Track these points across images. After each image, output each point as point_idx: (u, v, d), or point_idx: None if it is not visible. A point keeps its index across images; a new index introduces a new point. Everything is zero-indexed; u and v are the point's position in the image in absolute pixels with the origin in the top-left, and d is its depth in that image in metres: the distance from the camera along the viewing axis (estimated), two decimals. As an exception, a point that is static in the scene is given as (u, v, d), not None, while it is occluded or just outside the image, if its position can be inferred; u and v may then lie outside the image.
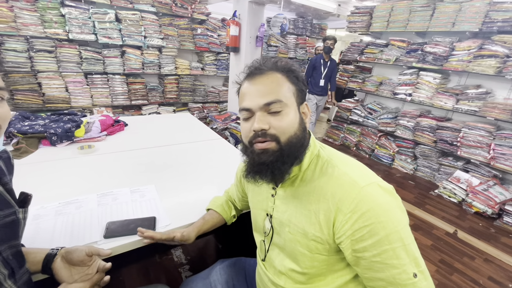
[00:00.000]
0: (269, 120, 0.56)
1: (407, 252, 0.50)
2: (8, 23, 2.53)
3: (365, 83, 3.73)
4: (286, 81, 0.58)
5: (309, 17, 4.77)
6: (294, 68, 0.61)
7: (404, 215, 0.54)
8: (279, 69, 0.59)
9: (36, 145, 1.28)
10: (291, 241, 0.61)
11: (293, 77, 0.60)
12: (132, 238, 0.76)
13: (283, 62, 0.61)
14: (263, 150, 0.56)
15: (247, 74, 0.61)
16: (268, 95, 0.56)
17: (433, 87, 2.98)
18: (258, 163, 0.57)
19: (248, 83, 0.59)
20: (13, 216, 0.54)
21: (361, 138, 3.85)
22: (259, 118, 0.56)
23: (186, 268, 1.51)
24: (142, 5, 3.17)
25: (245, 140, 0.60)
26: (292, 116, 0.57)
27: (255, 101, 0.56)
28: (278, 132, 0.55)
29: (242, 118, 0.60)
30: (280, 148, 0.56)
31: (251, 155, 0.59)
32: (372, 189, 0.52)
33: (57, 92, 2.94)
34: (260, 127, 0.55)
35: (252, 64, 0.61)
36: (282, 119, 0.56)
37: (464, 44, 2.70)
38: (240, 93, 0.61)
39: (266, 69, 0.58)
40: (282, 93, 0.56)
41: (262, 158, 0.56)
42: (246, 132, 0.59)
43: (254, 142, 0.57)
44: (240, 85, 0.63)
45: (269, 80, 0.57)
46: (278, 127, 0.55)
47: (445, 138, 2.90)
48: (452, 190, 2.69)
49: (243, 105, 0.59)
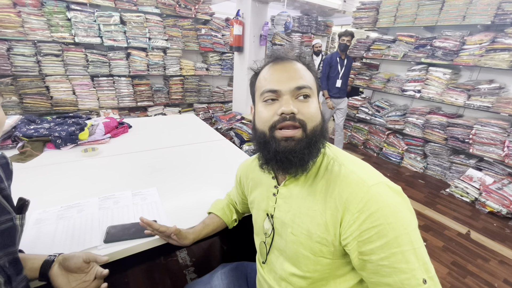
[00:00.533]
0: (297, 105, 0.54)
1: (416, 256, 0.47)
2: (16, 28, 2.58)
3: (372, 80, 3.66)
4: (307, 70, 0.59)
5: (314, 14, 4.71)
6: (312, 62, 0.62)
7: (413, 217, 0.51)
8: (301, 59, 0.60)
9: (41, 149, 1.29)
10: (293, 242, 0.59)
11: (312, 70, 0.61)
12: (132, 243, 0.75)
13: (302, 53, 0.62)
14: (288, 138, 0.53)
15: (273, 59, 0.60)
16: (299, 79, 0.55)
17: (443, 83, 2.89)
18: (284, 150, 0.53)
19: (274, 67, 0.58)
20: (9, 222, 0.53)
21: (368, 136, 3.78)
22: (288, 101, 0.53)
23: (190, 270, 1.50)
24: (146, 7, 3.18)
25: (265, 126, 0.56)
26: (316, 104, 0.57)
27: (286, 83, 0.54)
28: (306, 119, 0.54)
29: (264, 101, 0.56)
30: (306, 136, 0.54)
31: (272, 143, 0.55)
32: (380, 188, 0.50)
33: (65, 95, 2.98)
34: (291, 110, 0.52)
35: (273, 53, 0.61)
36: (310, 106, 0.55)
37: (476, 38, 2.61)
38: (263, 77, 0.59)
39: (291, 58, 0.59)
40: (310, 80, 0.57)
41: (288, 145, 0.53)
42: (268, 117, 0.55)
43: (278, 127, 0.54)
44: (257, 72, 0.62)
45: (296, 66, 0.57)
46: (307, 113, 0.54)
47: (457, 136, 2.81)
48: (464, 189, 2.60)
49: (269, 86, 0.56)
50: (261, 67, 0.62)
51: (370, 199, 0.48)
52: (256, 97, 0.61)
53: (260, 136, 0.58)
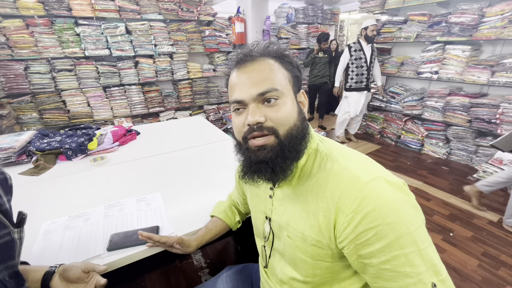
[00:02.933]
0: (264, 111, 0.50)
1: (422, 258, 0.42)
2: (31, 48, 2.71)
3: (385, 66, 3.48)
4: (280, 67, 0.52)
5: (319, 4, 4.57)
6: (287, 52, 0.55)
7: (418, 213, 0.45)
8: (271, 54, 0.53)
9: (54, 161, 1.34)
10: (290, 246, 0.55)
11: (287, 63, 0.54)
12: (135, 250, 0.75)
13: (275, 47, 0.54)
14: (261, 147, 0.50)
15: (236, 62, 0.54)
16: (261, 83, 0.50)
17: (463, 61, 2.69)
18: (256, 161, 0.51)
19: (237, 72, 0.52)
20: (7, 236, 0.54)
21: (384, 124, 3.61)
22: (253, 110, 0.49)
23: (206, 271, 1.50)
24: (150, 14, 3.23)
25: (238, 137, 0.54)
26: (289, 105, 0.51)
27: (248, 91, 0.50)
28: (276, 124, 0.50)
29: (233, 111, 0.54)
30: (280, 142, 0.50)
31: (247, 153, 0.52)
32: (377, 184, 0.45)
33: (80, 107, 3.11)
34: (255, 120, 0.49)
35: (241, 51, 0.55)
36: (280, 110, 0.50)
37: (496, 8, 2.39)
38: (230, 84, 0.55)
39: (257, 55, 0.52)
40: (277, 81, 0.50)
41: (260, 155, 0.50)
42: (239, 127, 0.53)
43: (249, 137, 0.51)
44: (229, 76, 0.56)
45: (261, 67, 0.51)
46: (276, 118, 0.49)
47: (482, 116, 2.60)
48: (493, 174, 2.41)
49: (234, 97, 0.52)
50: (230, 69, 0.56)
51: (365, 198, 0.44)
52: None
53: (237, 146, 0.56)
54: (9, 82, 2.69)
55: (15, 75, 2.71)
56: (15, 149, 1.31)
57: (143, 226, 0.84)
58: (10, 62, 2.66)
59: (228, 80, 0.56)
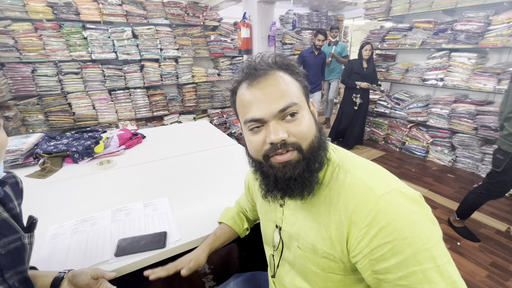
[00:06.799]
0: (286, 127, 0.47)
1: (441, 274, 0.40)
2: (39, 51, 2.74)
3: (389, 72, 3.49)
4: (291, 79, 0.50)
5: (324, 10, 4.60)
6: (293, 62, 0.53)
7: (435, 228, 0.44)
8: (280, 66, 0.51)
9: (60, 164, 1.34)
10: (301, 257, 0.54)
11: (296, 73, 0.52)
12: (143, 256, 0.74)
13: (281, 58, 0.53)
14: (286, 162, 0.48)
15: (245, 78, 0.51)
16: (280, 98, 0.47)
17: (469, 69, 2.69)
18: (283, 178, 0.49)
19: (250, 89, 0.49)
20: (18, 242, 0.54)
21: (389, 131, 3.60)
22: (275, 128, 0.47)
23: (209, 278, 1.48)
24: (156, 19, 3.26)
25: (258, 155, 0.51)
26: (307, 118, 0.50)
27: (267, 108, 0.47)
28: (299, 139, 0.48)
29: (249, 130, 0.50)
30: (304, 156, 0.48)
31: (271, 171, 0.50)
32: (392, 198, 0.43)
33: (86, 110, 3.13)
34: (280, 138, 0.46)
35: (247, 65, 0.52)
36: (300, 124, 0.48)
37: (503, 17, 2.39)
38: (241, 102, 0.51)
39: (268, 69, 0.50)
40: (293, 94, 0.48)
41: (287, 172, 0.48)
42: (258, 146, 0.50)
43: (272, 155, 0.49)
44: (234, 92, 0.53)
45: (276, 81, 0.48)
46: (299, 133, 0.48)
47: (488, 124, 2.58)
48: (500, 182, 2.38)
49: (250, 115, 0.49)
50: (237, 84, 0.53)
51: (380, 211, 0.42)
52: (241, 122, 0.53)
53: (257, 166, 0.54)
54: (16, 84, 2.72)
55: (22, 77, 2.73)
56: (23, 151, 1.32)
57: (151, 232, 0.83)
58: (18, 65, 2.69)
59: (235, 97, 0.53)
